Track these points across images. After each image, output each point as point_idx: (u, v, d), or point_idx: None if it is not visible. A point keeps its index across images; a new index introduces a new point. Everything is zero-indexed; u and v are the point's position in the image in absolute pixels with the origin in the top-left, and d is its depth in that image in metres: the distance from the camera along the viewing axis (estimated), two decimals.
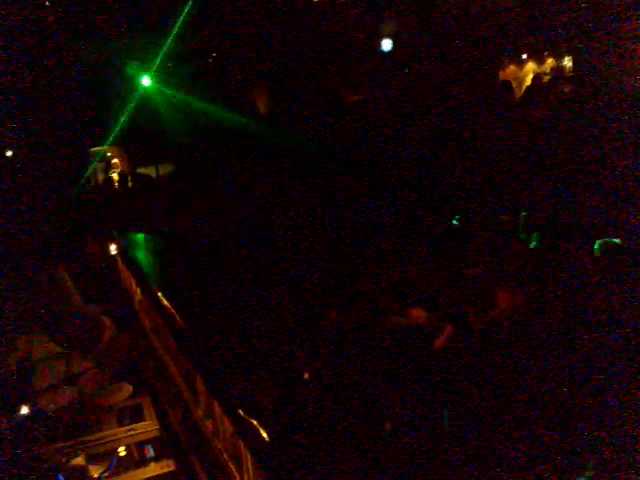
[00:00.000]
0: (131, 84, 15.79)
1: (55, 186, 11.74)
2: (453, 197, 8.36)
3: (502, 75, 18.52)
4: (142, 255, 8.13)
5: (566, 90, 15.18)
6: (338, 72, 16.64)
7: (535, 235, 6.26)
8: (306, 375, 4.62)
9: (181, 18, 14.57)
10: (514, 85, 19.15)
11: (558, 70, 17.45)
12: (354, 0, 15.23)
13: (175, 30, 14.78)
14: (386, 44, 16.39)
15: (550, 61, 18.10)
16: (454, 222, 7.16)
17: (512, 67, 18.81)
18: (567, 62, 17.11)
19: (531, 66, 18.60)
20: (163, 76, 16.26)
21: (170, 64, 16.40)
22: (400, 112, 14.83)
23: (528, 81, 18.32)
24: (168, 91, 16.26)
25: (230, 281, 6.31)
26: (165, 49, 15.32)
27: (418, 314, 4.91)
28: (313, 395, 4.31)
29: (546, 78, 17.55)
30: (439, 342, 4.46)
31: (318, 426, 3.94)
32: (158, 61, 15.78)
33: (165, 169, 16.04)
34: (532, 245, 6.21)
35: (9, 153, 14.49)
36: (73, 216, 10.64)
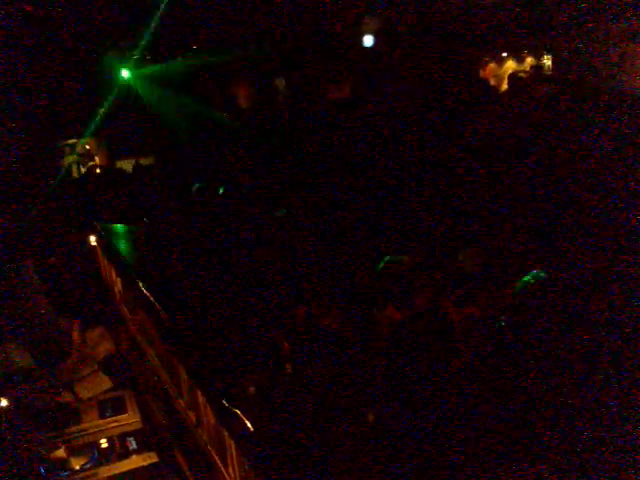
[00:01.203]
0: (109, 76, 15.60)
1: (31, 180, 11.58)
2: (438, 195, 8.39)
3: (482, 73, 18.66)
4: (123, 246, 8.04)
5: (545, 89, 15.35)
6: (322, 68, 16.62)
7: None
8: (290, 365, 4.61)
9: (162, 8, 14.43)
10: (493, 83, 19.32)
11: (537, 68, 17.62)
12: None
13: (155, 21, 14.63)
14: (368, 40, 16.41)
15: (530, 59, 18.26)
16: None
17: (492, 65, 18.95)
18: (546, 60, 17.28)
19: (510, 64, 18.74)
20: (143, 68, 16.10)
21: (150, 56, 16.24)
22: (384, 109, 14.87)
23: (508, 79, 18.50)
24: (148, 83, 16.11)
25: (212, 270, 6.26)
26: (145, 40, 15.16)
27: (392, 313, 4.92)
28: (297, 384, 4.30)
29: (524, 76, 17.73)
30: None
31: (303, 415, 3.94)
32: (138, 52, 15.61)
33: (146, 161, 15.87)
34: None
35: None
36: (51, 209, 10.51)
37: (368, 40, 16.49)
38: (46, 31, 13.47)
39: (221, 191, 8.34)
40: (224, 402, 3.94)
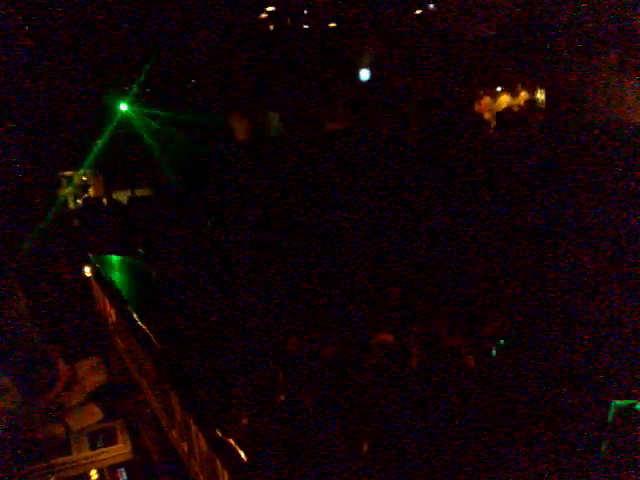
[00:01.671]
0: (108, 109, 15.76)
1: (25, 210, 11.60)
2: (426, 224, 8.43)
3: (477, 107, 18.95)
4: (117, 277, 8.01)
5: (538, 121, 15.56)
6: (319, 100, 16.84)
7: None
8: (283, 395, 4.56)
9: (160, 45, 14.65)
10: (489, 116, 19.59)
11: (531, 102, 17.89)
12: (334, 30, 15.48)
13: (154, 57, 14.84)
14: (364, 74, 16.65)
15: (523, 93, 18.55)
16: None
17: (487, 99, 19.23)
18: (540, 95, 17.56)
19: (505, 98, 19.03)
20: (141, 101, 16.28)
21: (149, 89, 16.44)
22: (379, 141, 15.03)
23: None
24: (146, 116, 16.27)
25: (206, 300, 6.25)
26: (144, 74, 15.37)
27: (385, 338, 4.90)
28: (291, 414, 4.25)
29: (517, 109, 18.02)
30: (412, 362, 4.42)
31: (297, 445, 3.88)
32: (137, 86, 15.81)
33: (142, 192, 15.97)
34: None
35: None
36: (47, 239, 10.50)
37: (364, 74, 16.76)
38: (44, 62, 13.63)
39: (209, 223, 8.39)
40: (217, 432, 3.88)
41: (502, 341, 4.36)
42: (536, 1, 12.58)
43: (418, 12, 14.09)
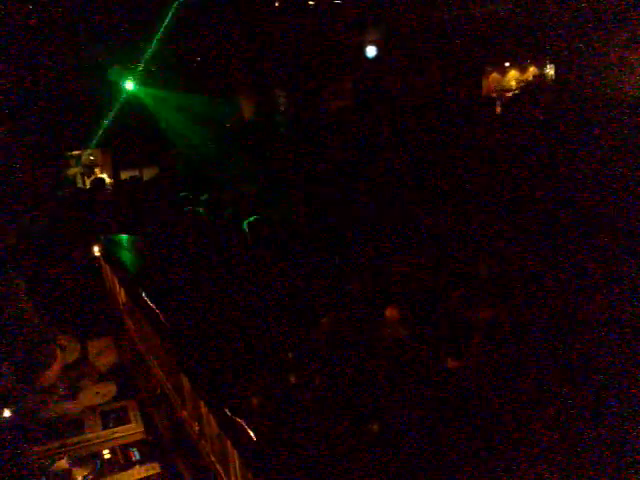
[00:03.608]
0: (114, 87, 15.68)
1: (33, 190, 11.61)
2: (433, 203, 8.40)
3: (485, 83, 18.73)
4: (126, 257, 8.04)
5: (547, 98, 15.40)
6: (323, 77, 16.70)
7: None
8: (294, 376, 4.59)
9: (166, 21, 14.51)
10: (495, 94, 19.39)
11: (540, 78, 17.66)
12: (341, 5, 15.27)
13: (160, 34, 14.72)
14: (371, 50, 16.47)
15: (532, 69, 18.31)
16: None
17: (495, 75, 19.01)
18: (549, 70, 17.32)
19: (514, 74, 18.80)
20: (148, 79, 16.18)
21: (154, 68, 16.34)
22: (384, 118, 14.94)
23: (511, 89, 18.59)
24: (152, 94, 16.19)
25: (216, 281, 6.26)
26: (150, 52, 15.26)
27: (392, 313, 4.90)
28: (301, 395, 4.28)
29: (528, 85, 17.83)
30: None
31: (307, 426, 3.92)
32: (143, 64, 15.71)
33: (150, 172, 15.93)
34: None
35: None
36: (55, 220, 10.53)
37: (371, 50, 16.58)
38: (50, 41, 13.55)
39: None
40: (227, 412, 3.93)
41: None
42: None
43: None
